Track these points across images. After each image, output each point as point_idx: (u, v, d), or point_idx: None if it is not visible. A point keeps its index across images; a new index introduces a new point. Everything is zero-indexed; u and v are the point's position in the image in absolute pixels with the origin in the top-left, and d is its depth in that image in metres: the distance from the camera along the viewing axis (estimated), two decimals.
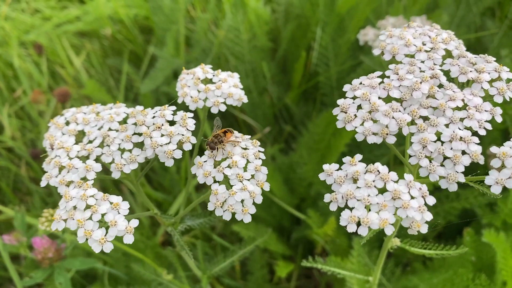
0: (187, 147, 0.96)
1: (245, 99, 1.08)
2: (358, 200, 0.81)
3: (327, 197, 0.84)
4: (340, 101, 0.93)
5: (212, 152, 0.93)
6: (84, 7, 2.79)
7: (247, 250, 1.30)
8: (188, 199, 2.09)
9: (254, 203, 0.89)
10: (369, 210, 0.81)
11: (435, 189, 1.90)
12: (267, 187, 0.91)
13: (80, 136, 1.06)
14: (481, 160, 0.84)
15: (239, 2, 2.39)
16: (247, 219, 0.89)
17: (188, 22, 2.71)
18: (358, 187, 0.83)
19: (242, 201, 0.88)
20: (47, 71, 2.58)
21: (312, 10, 2.32)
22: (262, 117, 2.36)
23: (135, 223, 0.88)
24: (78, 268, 1.47)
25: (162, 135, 0.96)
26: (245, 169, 0.92)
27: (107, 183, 2.07)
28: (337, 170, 0.87)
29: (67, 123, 1.08)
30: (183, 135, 0.97)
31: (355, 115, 0.91)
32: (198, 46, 2.43)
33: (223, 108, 1.05)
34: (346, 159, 0.87)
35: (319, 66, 2.28)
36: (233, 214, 0.89)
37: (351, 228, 0.80)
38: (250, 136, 1.00)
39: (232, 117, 2.47)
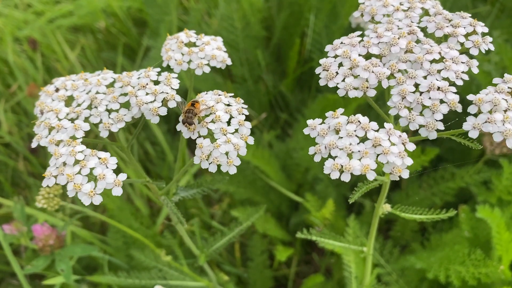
0: (172, 104, 0.99)
1: (229, 61, 1.10)
2: (340, 149, 0.84)
3: (311, 150, 0.87)
4: (322, 60, 0.96)
5: (191, 126, 0.94)
6: (76, 1, 2.79)
7: (244, 227, 1.32)
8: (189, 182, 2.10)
9: (238, 156, 0.91)
10: (351, 157, 0.83)
11: (427, 169, 1.92)
12: (251, 141, 0.94)
13: (69, 102, 1.09)
14: (458, 108, 0.86)
15: None
16: (232, 170, 0.91)
17: (181, 13, 2.71)
18: (340, 137, 0.85)
19: (227, 153, 0.91)
20: (42, 66, 2.58)
21: None
22: (257, 105, 2.37)
23: (123, 176, 0.90)
24: (79, 254, 1.48)
25: (147, 94, 0.99)
26: (228, 123, 0.94)
27: None
28: (320, 124, 0.89)
29: (57, 90, 1.11)
30: (167, 93, 0.99)
31: (337, 72, 0.94)
32: None
33: (207, 69, 1.07)
34: (329, 113, 0.90)
35: (313, 52, 2.29)
36: (219, 166, 0.91)
37: (334, 175, 0.82)
38: (233, 94, 1.02)
39: None
